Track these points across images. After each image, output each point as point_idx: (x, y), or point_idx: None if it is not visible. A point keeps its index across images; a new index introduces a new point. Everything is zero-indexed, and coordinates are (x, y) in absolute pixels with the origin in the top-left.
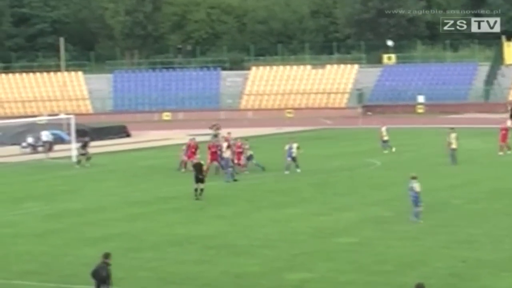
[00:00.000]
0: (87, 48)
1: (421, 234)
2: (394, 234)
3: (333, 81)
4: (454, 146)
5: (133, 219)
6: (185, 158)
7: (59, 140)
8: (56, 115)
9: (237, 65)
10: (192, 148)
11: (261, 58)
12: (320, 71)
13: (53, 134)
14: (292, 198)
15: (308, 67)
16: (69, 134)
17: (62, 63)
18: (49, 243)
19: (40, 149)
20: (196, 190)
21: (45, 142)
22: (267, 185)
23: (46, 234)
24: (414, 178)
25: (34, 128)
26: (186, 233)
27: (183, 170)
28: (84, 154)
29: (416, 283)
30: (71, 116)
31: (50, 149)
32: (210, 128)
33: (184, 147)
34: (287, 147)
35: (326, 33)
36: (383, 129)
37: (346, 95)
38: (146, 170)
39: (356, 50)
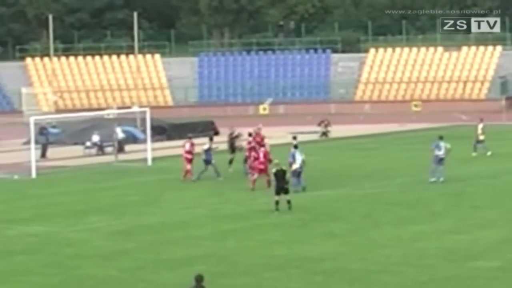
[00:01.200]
0: (166, 25)
1: None
2: None
3: (471, 67)
4: None
5: (222, 237)
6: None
7: (131, 138)
8: (128, 108)
9: (351, 46)
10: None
11: (381, 38)
12: (454, 54)
13: (124, 131)
14: (420, 212)
15: (439, 49)
16: (143, 131)
17: (136, 44)
18: (118, 266)
19: (108, 149)
20: (277, 203)
21: (116, 141)
22: (389, 196)
23: (114, 255)
24: None
25: (101, 124)
26: (288, 255)
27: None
28: (234, 150)
29: None
30: (146, 109)
31: (120, 149)
32: (318, 125)
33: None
34: (432, 146)
35: (463, 6)
36: (480, 126)
37: (487, 84)
38: (239, 176)
39: (499, 28)
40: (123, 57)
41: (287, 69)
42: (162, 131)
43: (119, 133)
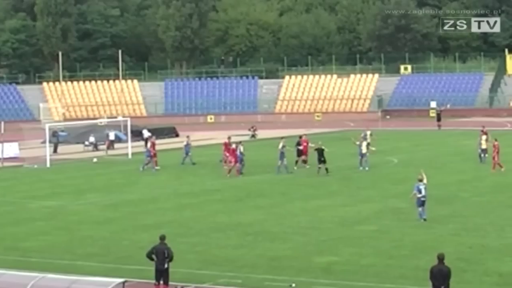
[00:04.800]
0: (142, 59)
1: (433, 223)
2: (409, 223)
3: (356, 89)
4: (484, 146)
5: (181, 209)
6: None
7: (117, 139)
8: (115, 117)
9: (272, 74)
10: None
11: (293, 68)
12: (345, 79)
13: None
14: (321, 191)
15: (334, 76)
16: (126, 134)
17: (120, 73)
18: (108, 229)
19: (101, 147)
20: (319, 168)
21: (109, 141)
22: (299, 180)
23: (105, 221)
24: (420, 180)
25: (96, 129)
26: (228, 221)
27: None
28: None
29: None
30: (128, 118)
31: (111, 147)
32: (249, 129)
33: (149, 145)
34: (358, 143)
35: (350, 46)
36: (368, 133)
37: (368, 101)
38: (193, 166)
39: (376, 61)
40: (111, 82)
41: (227, 90)
42: (139, 134)
43: (111, 135)
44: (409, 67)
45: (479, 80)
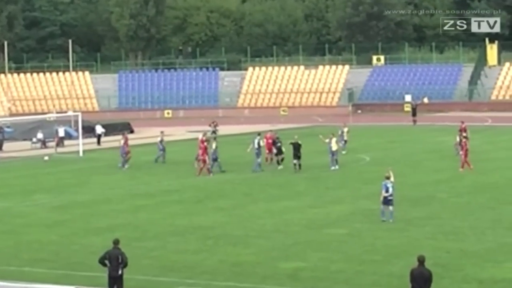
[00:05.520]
0: (94, 49)
1: (408, 226)
2: (382, 226)
3: (325, 81)
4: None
5: (137, 211)
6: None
7: (67, 135)
8: (65, 112)
9: (234, 65)
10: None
11: (257, 59)
12: (312, 71)
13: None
14: (287, 191)
15: (302, 67)
16: (76, 130)
17: (71, 64)
18: (58, 233)
19: (49, 144)
20: (294, 165)
21: (58, 137)
22: (264, 179)
23: (54, 224)
24: (388, 178)
25: (44, 125)
26: (187, 224)
27: (126, 166)
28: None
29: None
30: (79, 113)
31: (60, 144)
32: (209, 125)
33: (122, 142)
34: (327, 140)
35: (319, 35)
36: (345, 130)
37: (337, 94)
38: (149, 164)
39: (347, 51)
40: (60, 74)
41: (185, 83)
42: (90, 130)
43: (61, 132)
44: (382, 57)
45: (458, 71)
